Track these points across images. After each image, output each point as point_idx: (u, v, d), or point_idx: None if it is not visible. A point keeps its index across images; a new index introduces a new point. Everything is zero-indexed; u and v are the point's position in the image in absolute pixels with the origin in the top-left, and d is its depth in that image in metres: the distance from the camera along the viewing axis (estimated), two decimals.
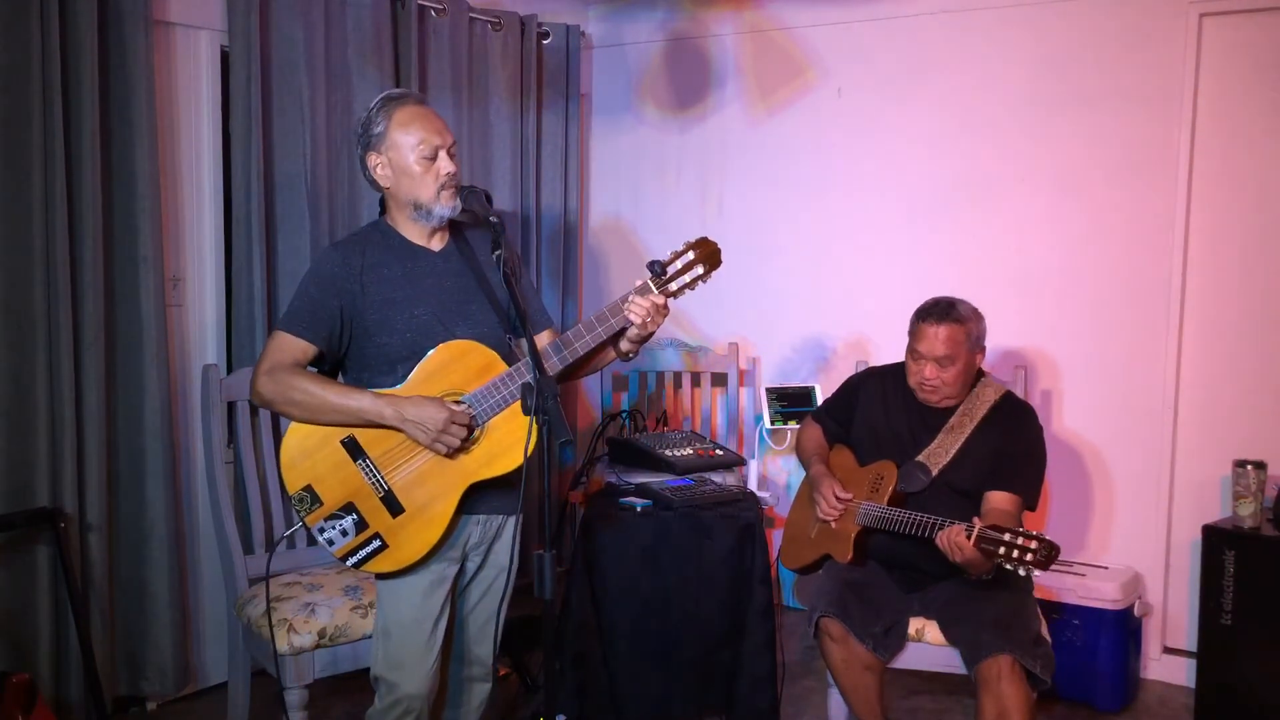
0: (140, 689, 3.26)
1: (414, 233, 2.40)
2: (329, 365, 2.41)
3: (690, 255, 2.33)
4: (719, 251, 2.35)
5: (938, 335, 2.85)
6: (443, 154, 2.33)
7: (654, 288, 2.32)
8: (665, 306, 2.33)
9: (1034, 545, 2.47)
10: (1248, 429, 3.57)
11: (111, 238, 3.09)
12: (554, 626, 2.25)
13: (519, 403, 2.24)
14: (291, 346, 2.31)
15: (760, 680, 3.10)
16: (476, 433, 2.30)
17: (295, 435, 2.31)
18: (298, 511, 2.31)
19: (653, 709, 3.16)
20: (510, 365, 2.31)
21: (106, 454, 3.08)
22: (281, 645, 2.67)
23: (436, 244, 2.42)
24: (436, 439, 2.24)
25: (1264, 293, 3.55)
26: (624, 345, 2.41)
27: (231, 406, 3.03)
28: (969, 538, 2.57)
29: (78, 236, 2.97)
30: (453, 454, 2.28)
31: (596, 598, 3.11)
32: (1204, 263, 3.63)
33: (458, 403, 2.28)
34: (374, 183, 2.38)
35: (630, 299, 2.32)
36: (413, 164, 2.32)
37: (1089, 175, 3.77)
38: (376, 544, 2.30)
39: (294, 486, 2.30)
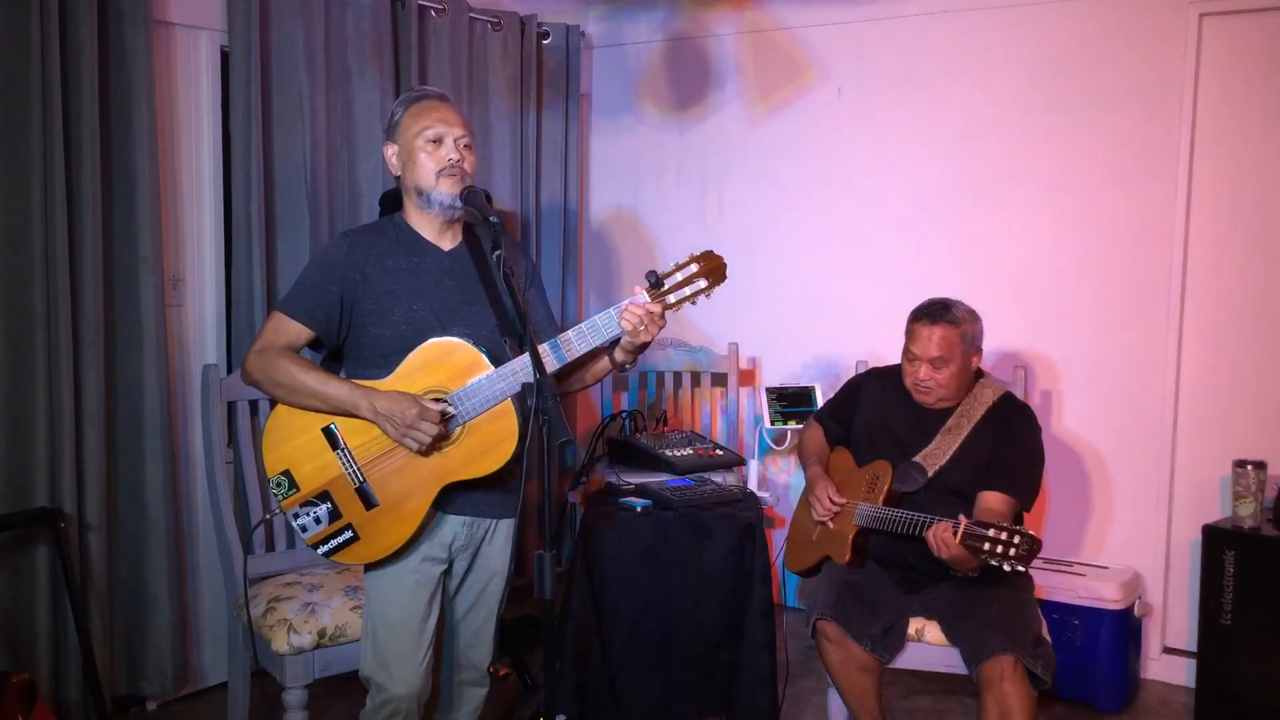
0: (140, 689, 3.25)
1: (426, 228, 2.40)
2: (327, 352, 2.42)
3: (693, 268, 2.25)
4: (724, 266, 2.27)
5: (931, 336, 2.85)
6: (449, 141, 2.33)
7: (648, 298, 2.26)
8: (661, 316, 2.26)
9: (1016, 540, 2.48)
10: (1248, 429, 3.57)
11: (111, 238, 3.09)
12: (554, 626, 2.25)
13: (504, 404, 2.25)
14: (287, 328, 2.32)
15: (760, 680, 3.10)
16: (456, 432, 2.29)
17: (278, 419, 2.33)
18: (274, 495, 2.33)
19: (652, 709, 3.16)
20: (498, 368, 2.28)
21: (106, 454, 3.08)
22: (281, 645, 2.66)
23: (447, 243, 2.42)
24: (405, 434, 2.23)
25: (1264, 292, 3.55)
26: (618, 355, 2.37)
27: (231, 406, 3.03)
28: (955, 534, 2.58)
29: (77, 236, 2.97)
30: (425, 451, 2.26)
31: (596, 598, 3.11)
32: (1204, 263, 3.63)
33: (440, 400, 2.26)
34: (392, 173, 2.42)
35: (624, 306, 2.27)
36: (417, 149, 2.33)
37: (1089, 175, 3.77)
38: (348, 535, 2.32)
39: (272, 470, 2.32)
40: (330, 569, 3.00)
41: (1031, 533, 2.49)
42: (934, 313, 2.88)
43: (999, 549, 2.50)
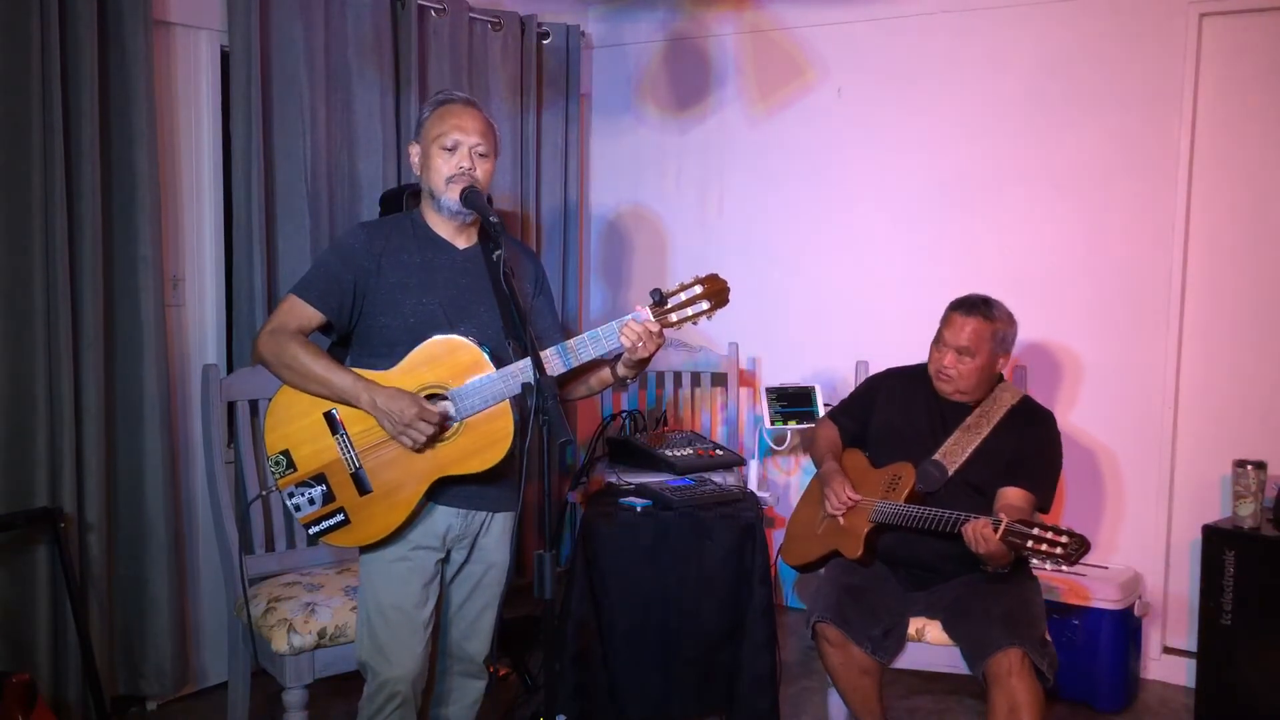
0: (139, 689, 3.25)
1: (441, 226, 2.45)
2: (337, 338, 2.46)
3: (697, 289, 2.32)
4: (727, 290, 2.33)
5: (964, 326, 2.87)
6: (463, 149, 2.37)
7: (651, 315, 2.31)
8: (660, 334, 2.32)
9: (1064, 540, 2.46)
10: (1248, 429, 3.57)
11: (111, 238, 3.09)
12: (554, 626, 2.25)
13: (502, 404, 2.30)
14: (300, 312, 2.37)
15: (760, 680, 3.10)
16: (453, 428, 2.32)
17: (283, 399, 2.38)
18: (272, 474, 2.38)
19: (653, 709, 3.16)
20: (500, 369, 2.31)
21: (106, 454, 3.08)
22: (281, 645, 2.67)
23: (463, 242, 2.46)
24: (402, 432, 2.28)
25: (1264, 293, 3.55)
26: (620, 369, 2.43)
27: (231, 406, 3.03)
28: (996, 531, 2.57)
29: (77, 236, 2.97)
30: (419, 448, 2.30)
31: (596, 598, 3.11)
32: (1204, 263, 3.63)
33: (440, 397, 2.30)
34: (414, 172, 2.47)
35: (625, 321, 2.31)
36: (434, 153, 2.38)
37: (1089, 175, 3.77)
38: (339, 518, 2.37)
39: (273, 449, 2.38)
40: (330, 568, 3.00)
41: (1080, 533, 2.47)
42: (972, 304, 2.91)
43: (1043, 547, 2.48)
